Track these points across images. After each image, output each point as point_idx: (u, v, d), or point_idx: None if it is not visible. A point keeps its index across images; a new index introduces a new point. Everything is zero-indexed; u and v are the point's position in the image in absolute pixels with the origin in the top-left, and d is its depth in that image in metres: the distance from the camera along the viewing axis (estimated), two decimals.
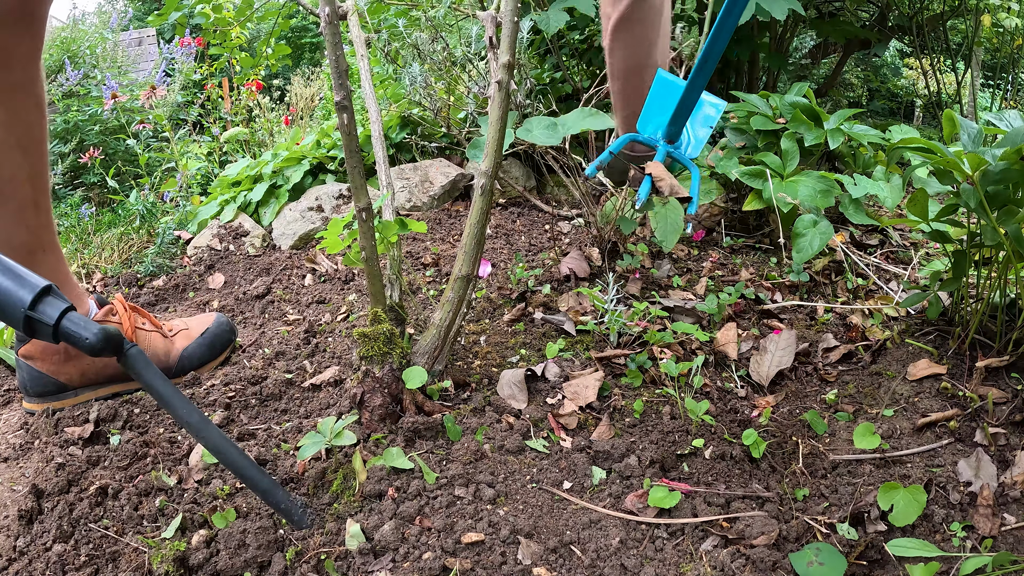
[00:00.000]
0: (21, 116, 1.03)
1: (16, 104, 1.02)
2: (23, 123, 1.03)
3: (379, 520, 0.83)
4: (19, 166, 1.04)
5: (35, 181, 1.07)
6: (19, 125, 1.03)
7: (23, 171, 1.05)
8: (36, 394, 1.14)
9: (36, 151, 1.06)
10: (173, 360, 1.25)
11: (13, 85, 1.01)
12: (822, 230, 1.45)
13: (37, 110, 1.06)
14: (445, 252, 1.77)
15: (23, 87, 1.02)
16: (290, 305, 1.58)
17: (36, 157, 1.06)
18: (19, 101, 1.02)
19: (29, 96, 1.04)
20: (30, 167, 1.06)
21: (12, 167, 1.03)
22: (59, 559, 0.82)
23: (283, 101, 4.28)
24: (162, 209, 2.45)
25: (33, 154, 1.06)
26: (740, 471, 0.94)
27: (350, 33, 1.40)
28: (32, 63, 1.03)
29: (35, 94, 1.05)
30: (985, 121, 1.11)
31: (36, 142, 1.06)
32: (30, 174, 1.06)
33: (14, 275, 0.76)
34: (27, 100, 1.03)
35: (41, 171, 1.08)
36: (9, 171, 1.03)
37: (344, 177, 2.28)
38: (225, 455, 0.80)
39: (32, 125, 1.05)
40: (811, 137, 1.71)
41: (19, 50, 1.00)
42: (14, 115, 1.02)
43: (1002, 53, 3.76)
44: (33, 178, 1.06)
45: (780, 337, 1.24)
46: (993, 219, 1.00)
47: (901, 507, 0.82)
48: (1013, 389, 1.04)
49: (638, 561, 0.79)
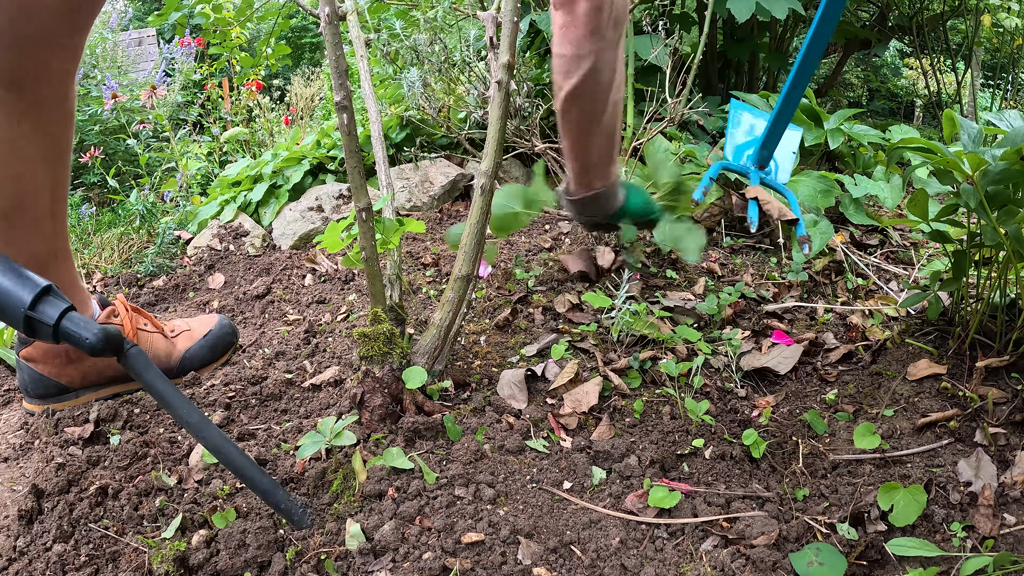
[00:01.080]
0: (50, 130, 1.00)
1: (46, 119, 0.99)
2: (50, 136, 1.01)
3: (379, 520, 0.83)
4: (43, 178, 1.02)
5: (55, 191, 1.05)
6: (46, 138, 1.00)
7: (45, 183, 1.02)
8: (37, 396, 1.14)
9: (60, 162, 1.04)
10: (175, 361, 1.25)
11: (43, 100, 0.98)
12: (822, 230, 1.46)
13: (64, 123, 1.03)
14: (445, 252, 1.77)
15: (53, 102, 0.99)
16: (290, 305, 1.58)
17: (59, 168, 1.04)
18: (49, 115, 0.99)
19: (58, 110, 1.01)
20: (52, 179, 1.03)
21: (36, 181, 1.01)
22: (59, 559, 0.82)
23: (283, 101, 4.28)
24: (162, 209, 2.45)
25: (56, 166, 1.03)
26: (740, 471, 0.94)
27: (350, 33, 1.40)
28: (67, 78, 1.00)
29: (65, 108, 1.02)
30: (985, 121, 1.11)
31: (61, 154, 1.04)
32: (52, 186, 1.04)
33: (14, 275, 0.76)
34: (55, 114, 1.01)
35: (62, 181, 1.06)
36: (33, 184, 1.01)
37: (344, 177, 2.28)
38: (225, 455, 0.80)
39: (59, 138, 1.02)
40: (811, 137, 1.71)
41: (55, 66, 0.97)
42: (43, 129, 0.99)
43: (1002, 53, 3.76)
44: (54, 189, 1.04)
45: (788, 349, 1.24)
46: (993, 219, 1.00)
47: (901, 507, 0.82)
48: (1013, 389, 1.04)
49: (638, 561, 0.79)
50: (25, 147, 0.98)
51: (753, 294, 1.44)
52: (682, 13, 2.44)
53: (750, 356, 1.23)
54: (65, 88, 1.00)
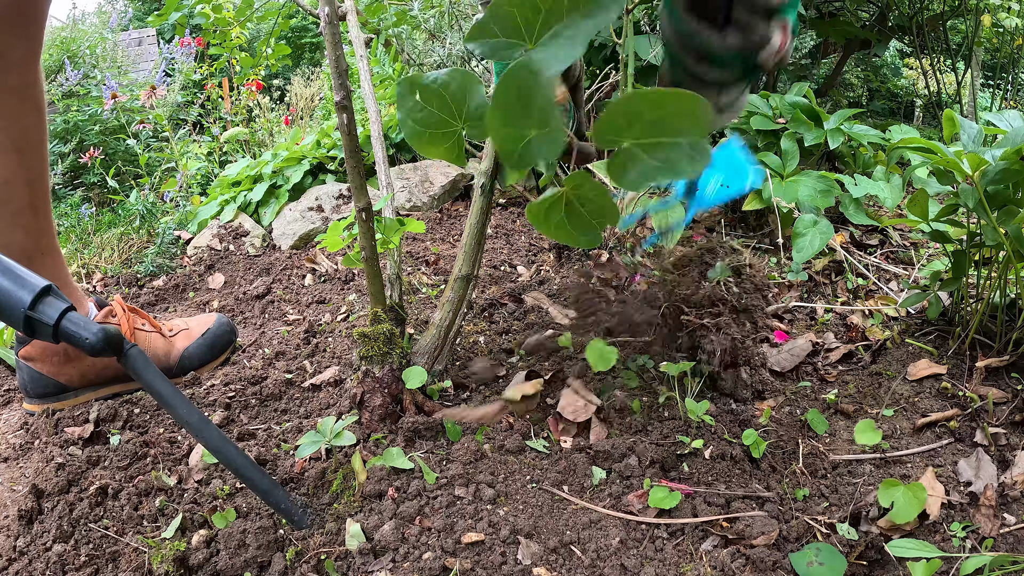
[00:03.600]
0: (18, 120, 1.01)
1: (11, 108, 1.00)
2: (20, 127, 1.01)
3: (379, 520, 0.83)
4: (15, 170, 1.02)
5: (33, 185, 1.05)
6: (15, 128, 1.01)
7: (20, 175, 1.03)
8: (36, 395, 1.14)
9: (34, 155, 1.04)
10: (173, 360, 1.25)
11: (9, 89, 0.98)
12: (822, 230, 1.46)
13: (35, 113, 1.03)
14: (445, 252, 1.77)
15: (20, 91, 1.00)
16: (290, 305, 1.58)
17: (34, 161, 1.04)
18: (15, 104, 1.00)
19: (26, 99, 1.01)
20: (27, 171, 1.04)
21: (8, 170, 1.02)
22: (59, 559, 0.82)
23: (283, 101, 4.28)
24: (162, 209, 2.45)
25: (30, 157, 1.04)
26: (740, 471, 0.94)
27: (349, 33, 1.40)
28: (30, 66, 1.01)
29: (33, 97, 1.02)
30: (985, 121, 1.10)
31: (34, 145, 1.04)
32: (27, 178, 1.04)
33: (14, 275, 0.76)
34: (24, 103, 1.01)
35: (40, 175, 1.06)
36: (4, 174, 1.01)
37: (344, 177, 2.28)
38: (225, 455, 0.80)
39: (29, 129, 1.03)
40: (811, 137, 1.71)
41: (14, 53, 0.97)
42: (10, 119, 1.00)
43: (1002, 53, 3.76)
44: (31, 182, 1.05)
45: (794, 343, 1.23)
46: (993, 219, 1.00)
47: (901, 504, 0.82)
48: (1013, 389, 1.04)
49: (638, 561, 0.79)
50: None
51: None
52: None
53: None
54: (30, 77, 1.01)
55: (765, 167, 1.66)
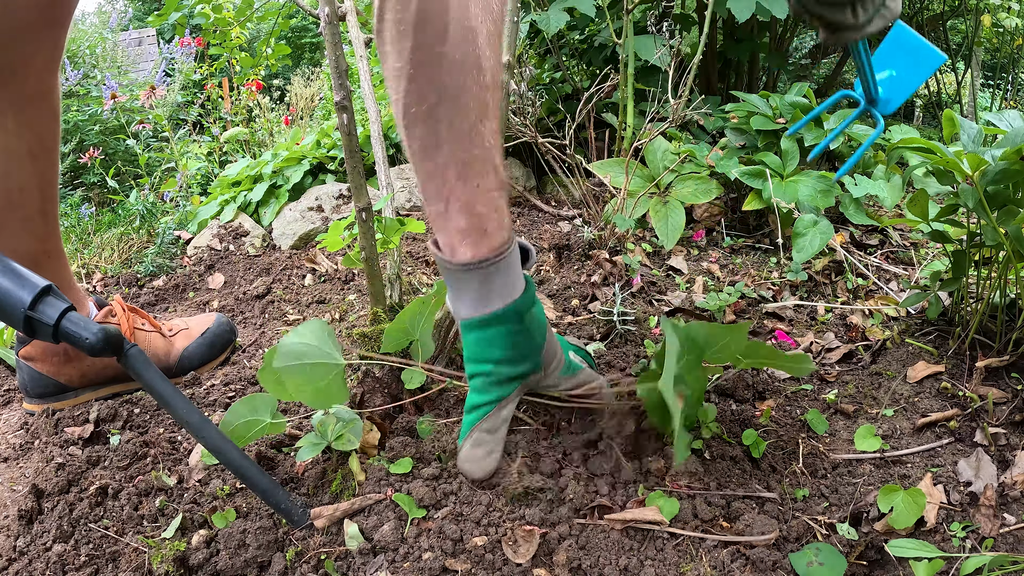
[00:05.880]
0: (34, 126, 1.00)
1: (30, 114, 0.99)
2: (35, 133, 1.00)
3: (378, 520, 0.83)
4: (30, 175, 1.02)
5: (44, 190, 1.04)
6: (31, 135, 1.00)
7: (33, 180, 1.02)
8: (36, 395, 1.14)
9: (47, 160, 1.04)
10: (173, 360, 1.25)
11: (28, 96, 0.98)
12: (822, 230, 1.46)
13: (51, 120, 1.03)
14: None
15: (38, 97, 0.99)
16: (290, 305, 1.58)
17: (47, 166, 1.04)
18: (33, 111, 0.99)
19: (43, 106, 1.01)
20: (40, 176, 1.03)
21: (23, 177, 1.01)
22: (59, 559, 0.82)
23: (283, 101, 4.28)
24: (162, 209, 2.45)
25: (44, 163, 1.03)
26: (740, 471, 0.94)
27: (349, 33, 1.40)
28: (49, 74, 1.00)
29: (50, 104, 1.02)
30: (985, 121, 1.10)
31: (48, 151, 1.03)
32: (40, 183, 1.03)
33: (14, 275, 0.76)
34: (41, 110, 1.00)
35: (51, 179, 1.06)
36: (19, 181, 1.01)
37: (344, 177, 2.28)
38: (225, 455, 0.80)
39: (45, 135, 1.02)
40: (811, 137, 1.72)
41: (36, 61, 0.97)
42: (27, 125, 0.99)
43: (1002, 53, 3.77)
44: (43, 187, 1.04)
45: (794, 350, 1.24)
46: (993, 219, 1.00)
47: (900, 509, 0.82)
48: (1013, 389, 1.04)
49: (638, 561, 0.79)
50: (10, 143, 0.98)
51: (753, 294, 1.44)
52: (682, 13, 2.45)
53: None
54: (48, 84, 1.00)
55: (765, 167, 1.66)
